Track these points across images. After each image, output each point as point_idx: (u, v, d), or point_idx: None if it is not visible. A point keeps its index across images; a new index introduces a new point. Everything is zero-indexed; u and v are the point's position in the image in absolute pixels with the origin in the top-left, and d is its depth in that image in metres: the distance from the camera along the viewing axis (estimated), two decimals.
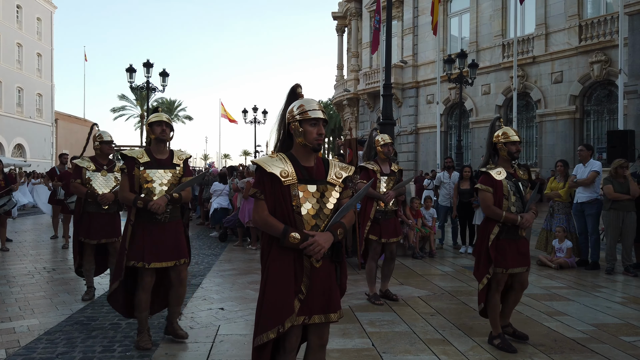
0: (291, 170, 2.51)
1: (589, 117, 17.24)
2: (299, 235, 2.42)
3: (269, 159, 2.54)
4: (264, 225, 2.50)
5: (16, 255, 8.56)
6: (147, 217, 3.84)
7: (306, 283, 2.48)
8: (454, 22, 22.11)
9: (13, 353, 3.82)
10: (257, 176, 2.57)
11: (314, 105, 2.56)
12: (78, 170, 5.42)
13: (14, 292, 5.82)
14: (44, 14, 39.16)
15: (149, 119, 4.06)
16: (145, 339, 3.93)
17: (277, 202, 2.50)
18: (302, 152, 2.57)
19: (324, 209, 2.55)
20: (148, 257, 3.80)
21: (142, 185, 3.87)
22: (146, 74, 18.97)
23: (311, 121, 2.51)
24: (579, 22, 16.84)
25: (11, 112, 34.39)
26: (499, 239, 3.95)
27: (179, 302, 4.10)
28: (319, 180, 2.57)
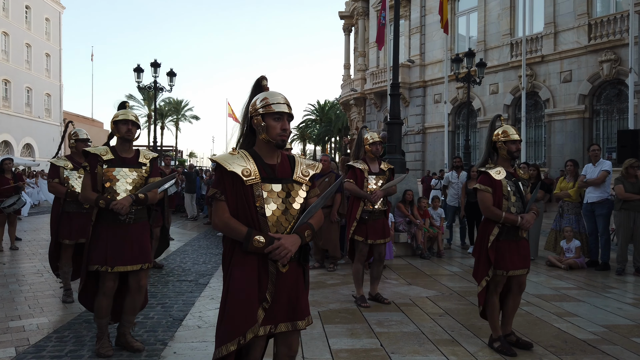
0: (254, 169, 2.33)
1: (599, 116, 17.10)
2: (263, 239, 2.24)
3: (230, 157, 2.35)
4: (224, 229, 2.32)
5: (25, 254, 8.62)
6: (110, 218, 3.63)
7: (271, 290, 2.29)
8: (462, 21, 22.02)
9: (23, 351, 3.83)
10: (216, 175, 2.38)
11: (279, 99, 2.38)
12: (55, 170, 5.26)
13: (24, 291, 5.85)
14: (53, 14, 39.43)
15: (114, 116, 3.81)
16: (105, 346, 3.73)
17: (239, 203, 2.32)
18: (266, 149, 2.40)
19: (290, 209, 2.37)
20: (111, 261, 3.59)
21: (104, 184, 3.66)
22: (154, 73, 19.05)
23: (275, 115, 2.34)
24: (589, 20, 16.71)
25: (20, 112, 34.67)
26: (498, 240, 3.84)
27: (134, 310, 3.84)
28: (285, 179, 2.39)
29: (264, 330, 2.29)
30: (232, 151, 2.40)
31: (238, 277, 2.29)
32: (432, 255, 8.50)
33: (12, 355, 3.76)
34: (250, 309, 2.25)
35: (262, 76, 2.52)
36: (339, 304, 5.25)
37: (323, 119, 53.98)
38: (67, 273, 5.34)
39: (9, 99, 33.58)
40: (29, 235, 11.21)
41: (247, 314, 2.24)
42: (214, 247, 9.47)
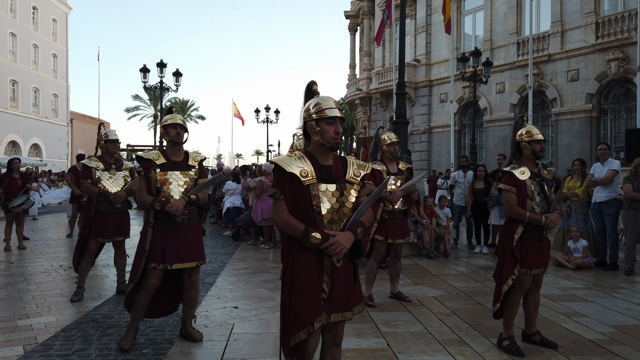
0: (311, 170, 2.48)
1: (606, 115, 16.97)
2: (320, 235, 2.40)
3: (288, 159, 2.51)
4: (284, 226, 2.47)
5: (33, 253, 8.67)
6: (165, 219, 3.82)
7: (327, 282, 2.48)
8: (468, 20, 21.93)
9: (31, 350, 3.85)
10: (276, 176, 2.53)
11: (331, 104, 2.53)
12: (87, 171, 5.41)
13: (31, 290, 5.88)
14: (60, 15, 39.68)
15: (163, 121, 4.01)
16: (128, 339, 3.86)
17: (297, 202, 2.47)
18: (320, 151, 2.54)
19: (343, 207, 2.53)
20: (169, 259, 3.79)
21: (159, 187, 3.84)
22: (160, 74, 19.12)
23: (328, 120, 2.48)
24: (596, 19, 16.59)
25: (27, 112, 34.90)
26: (522, 239, 3.85)
27: (192, 304, 4.07)
28: (338, 179, 2.54)
29: (322, 321, 2.45)
30: (289, 153, 2.59)
31: (300, 271, 2.45)
32: (439, 255, 8.47)
33: (20, 353, 3.78)
34: (316, 300, 2.42)
35: (312, 81, 2.67)
36: None
37: None
38: (86, 270, 5.50)
39: (17, 99, 33.81)
40: (37, 235, 11.28)
41: (314, 305, 2.41)
42: (219, 246, 9.49)
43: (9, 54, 32.90)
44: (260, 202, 9.18)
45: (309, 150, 2.59)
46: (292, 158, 2.51)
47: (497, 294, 3.99)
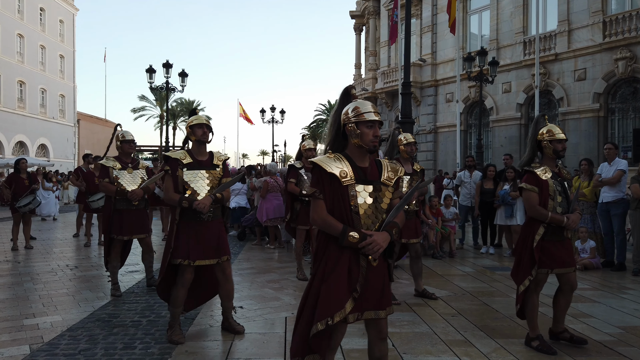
0: (349, 171, 2.55)
1: (614, 115, 16.86)
2: (357, 235, 2.47)
3: (327, 159, 2.57)
4: (322, 224, 2.55)
5: (40, 253, 8.72)
6: (191, 217, 3.97)
7: (361, 281, 2.53)
8: (474, 19, 21.85)
9: (37, 349, 3.87)
10: (315, 176, 2.59)
11: (369, 108, 2.61)
12: (105, 170, 5.61)
13: (38, 289, 5.92)
14: (66, 16, 39.91)
15: (189, 121, 4.15)
16: (177, 333, 4.04)
17: (335, 202, 2.54)
18: (357, 153, 2.61)
19: (379, 208, 2.60)
20: (193, 255, 3.93)
21: (185, 185, 3.99)
22: (166, 74, 19.20)
23: (367, 123, 2.56)
24: (603, 18, 16.48)
25: (35, 113, 35.13)
26: (543, 239, 3.83)
27: (229, 297, 4.23)
28: (375, 181, 2.61)
29: (353, 318, 2.52)
30: (329, 154, 2.62)
31: (332, 268, 2.52)
32: (444, 255, 8.44)
33: (26, 352, 3.80)
34: (340, 296, 2.48)
35: (350, 85, 2.80)
36: None
37: None
38: (116, 268, 5.67)
39: (24, 100, 34.04)
40: (43, 235, 11.35)
41: (337, 300, 2.48)
42: None
43: (17, 55, 33.13)
44: (265, 202, 9.18)
45: (347, 152, 2.65)
46: (331, 159, 2.58)
47: (519, 294, 3.98)
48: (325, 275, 2.53)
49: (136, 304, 5.20)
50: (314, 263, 2.66)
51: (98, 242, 9.67)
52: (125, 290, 5.80)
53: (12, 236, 9.21)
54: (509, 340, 4.13)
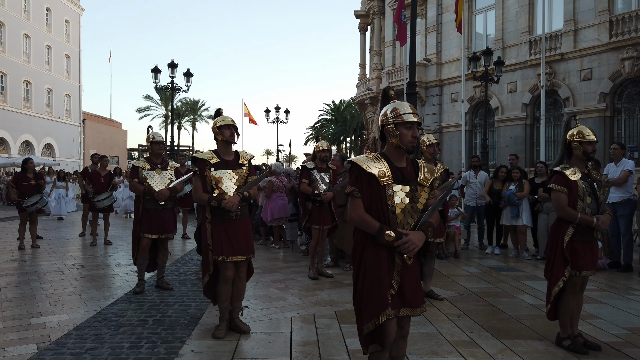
0: (387, 171, 2.61)
1: (620, 115, 16.75)
2: (394, 234, 2.54)
3: (366, 159, 2.64)
4: (360, 222, 2.61)
5: (46, 252, 8.77)
6: (220, 215, 4.10)
7: (397, 279, 2.60)
8: (479, 19, 21.77)
9: (44, 348, 3.90)
10: (353, 175, 2.65)
11: (408, 109, 2.67)
12: (135, 171, 5.78)
13: (45, 288, 5.95)
14: (72, 16, 40.10)
15: (215, 122, 4.26)
16: (221, 329, 4.19)
17: (373, 201, 2.60)
18: (395, 153, 2.67)
19: (415, 208, 2.66)
20: (227, 251, 4.09)
21: (213, 185, 4.12)
22: (171, 74, 19.25)
23: (406, 124, 2.61)
24: (610, 17, 16.38)
25: (41, 113, 35.31)
26: (572, 240, 3.85)
27: (239, 297, 4.31)
28: (411, 181, 2.67)
29: (391, 314, 2.57)
30: (367, 154, 2.68)
31: (371, 267, 2.60)
32: (450, 255, 8.42)
33: (33, 351, 3.82)
34: (382, 296, 2.54)
35: (388, 87, 2.87)
36: None
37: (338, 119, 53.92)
38: (142, 265, 5.80)
39: (30, 99, 34.23)
40: (50, 234, 11.41)
41: (380, 300, 2.54)
42: None
43: (23, 55, 33.32)
44: (270, 202, 9.19)
45: (384, 152, 2.72)
46: (370, 159, 2.64)
47: (548, 294, 4.00)
48: (365, 274, 2.60)
49: (142, 303, 5.22)
50: (353, 260, 2.73)
51: (104, 241, 9.71)
52: (131, 289, 5.82)
53: (19, 235, 9.27)
54: (515, 341, 4.11)
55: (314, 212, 6.51)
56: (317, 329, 4.40)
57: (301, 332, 4.31)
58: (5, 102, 31.58)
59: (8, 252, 8.78)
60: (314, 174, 6.56)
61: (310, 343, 4.04)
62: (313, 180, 6.53)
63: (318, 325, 4.49)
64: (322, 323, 4.56)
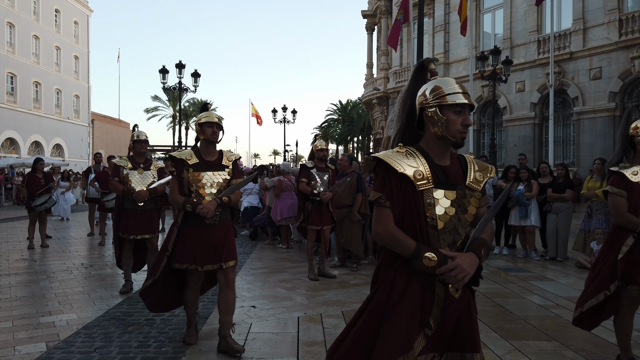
0: (426, 171, 1.94)
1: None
2: (435, 257, 1.87)
3: (397, 155, 1.97)
4: (389, 241, 1.95)
5: (55, 251, 8.83)
6: (196, 220, 3.71)
7: (436, 315, 1.93)
8: (487, 18, 21.67)
9: (53, 346, 3.92)
10: (380, 177, 1.99)
11: (455, 87, 1.99)
12: (116, 169, 5.71)
13: (54, 287, 5.99)
14: (81, 17, 40.39)
15: (199, 118, 3.86)
16: (191, 334, 4.01)
17: (406, 211, 1.95)
18: (437, 147, 2.00)
19: (463, 221, 1.98)
20: (200, 260, 3.71)
21: (191, 187, 3.74)
22: (178, 74, 19.34)
23: (455, 108, 1.96)
24: (619, 16, 16.23)
25: (50, 113, 35.61)
26: (632, 252, 3.27)
27: (229, 310, 3.81)
28: (458, 184, 2.00)
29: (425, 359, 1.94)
30: (398, 148, 2.00)
31: (398, 298, 1.93)
32: None
33: (42, 350, 3.85)
34: (406, 335, 1.89)
35: (429, 59, 2.15)
36: None
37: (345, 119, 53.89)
38: (127, 265, 5.77)
39: (40, 100, 34.53)
40: (59, 234, 11.50)
41: (403, 340, 1.88)
42: (237, 246, 9.52)
43: (33, 56, 33.61)
44: (280, 201, 9.20)
45: (421, 145, 2.04)
46: (402, 154, 1.97)
47: (581, 302, 3.47)
48: (389, 305, 1.93)
49: None
50: (373, 285, 2.07)
51: (112, 241, 9.76)
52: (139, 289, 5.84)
53: (29, 235, 9.35)
54: (524, 342, 4.09)
55: (313, 212, 6.43)
56: (324, 329, 4.40)
57: (308, 332, 4.31)
58: (15, 102, 31.88)
59: (18, 251, 8.86)
60: (313, 173, 6.48)
61: (317, 343, 4.03)
62: (312, 180, 6.47)
63: (325, 326, 4.49)
64: (329, 323, 4.56)
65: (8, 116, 30.82)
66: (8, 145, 31.87)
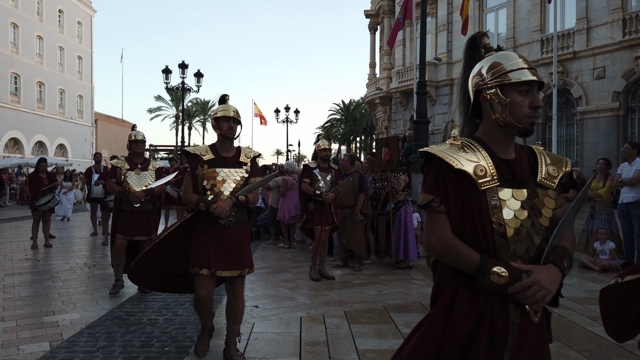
0: (489, 166, 1.62)
1: (634, 114, 16.54)
2: (506, 272, 1.51)
3: (452, 149, 1.65)
4: (447, 254, 1.61)
5: (59, 251, 8.86)
6: (210, 221, 3.45)
7: (511, 347, 1.54)
8: (490, 17, 21.63)
9: (57, 346, 3.94)
10: (433, 176, 1.67)
11: (519, 62, 1.66)
12: (113, 170, 5.71)
13: (57, 287, 6.02)
14: (84, 17, 40.51)
15: (215, 112, 3.60)
16: (202, 344, 3.73)
17: (466, 217, 1.61)
18: (499, 137, 1.68)
19: (537, 226, 1.63)
20: (215, 264, 3.42)
21: (205, 185, 3.50)
22: (181, 74, 19.40)
23: (520, 87, 1.62)
24: (623, 15, 16.17)
25: (54, 113, 35.72)
26: None
27: (235, 319, 3.63)
28: (528, 182, 1.66)
29: None
30: (453, 140, 1.69)
31: (461, 324, 1.56)
32: None
33: (46, 349, 3.87)
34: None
35: (480, 32, 1.85)
36: (365, 304, 5.22)
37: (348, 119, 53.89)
38: (119, 266, 5.68)
39: (43, 100, 34.65)
40: (63, 233, 11.53)
41: None
42: None
43: (36, 57, 33.72)
44: (286, 200, 9.23)
45: (479, 135, 1.72)
46: (457, 147, 1.66)
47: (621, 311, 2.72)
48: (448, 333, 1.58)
49: (153, 302, 5.26)
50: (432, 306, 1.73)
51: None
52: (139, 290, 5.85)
53: (32, 234, 9.38)
54: None
55: (316, 213, 6.42)
56: (327, 329, 4.40)
57: (310, 332, 4.31)
58: (19, 102, 31.99)
59: (21, 251, 8.89)
60: (315, 173, 6.46)
61: (320, 343, 4.04)
62: (315, 180, 6.44)
63: (327, 325, 4.49)
64: (331, 323, 4.56)
65: (12, 116, 30.94)
66: (12, 145, 32.00)
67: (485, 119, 1.71)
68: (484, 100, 1.68)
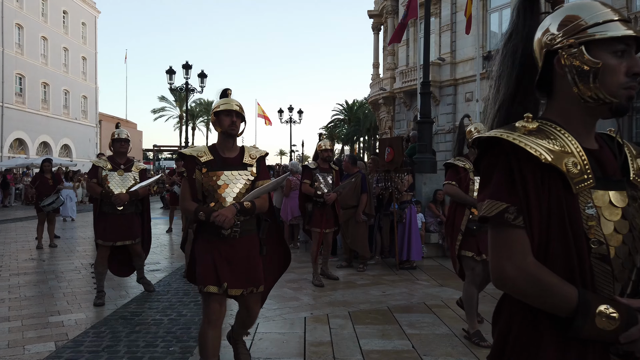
0: (581, 159, 1.16)
1: (639, 114, 16.49)
2: (616, 312, 1.07)
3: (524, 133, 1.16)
4: (530, 287, 1.12)
5: (63, 251, 8.90)
6: (213, 232, 2.99)
7: None
8: (494, 17, 21.59)
9: (62, 346, 3.95)
10: (503, 172, 1.16)
11: (606, 12, 1.18)
12: (94, 170, 5.31)
13: (62, 287, 6.04)
14: (89, 18, 40.67)
15: (215, 106, 3.20)
16: None
17: (552, 232, 1.13)
18: (582, 118, 1.24)
19: (637, 240, 1.18)
20: (224, 278, 2.96)
21: (205, 191, 3.05)
22: (185, 75, 19.44)
23: (613, 46, 1.15)
24: (628, 14, 16.12)
25: (58, 114, 35.89)
26: None
27: (245, 325, 3.43)
28: (619, 180, 1.21)
29: None
30: (525, 122, 1.18)
31: None
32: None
33: (52, 349, 3.88)
34: None
35: None
36: (369, 305, 5.22)
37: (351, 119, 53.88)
38: (101, 274, 5.30)
39: (48, 101, 34.82)
40: (67, 234, 11.58)
41: None
42: None
43: (41, 57, 33.88)
44: (289, 200, 9.23)
45: (553, 118, 1.24)
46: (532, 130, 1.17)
47: None
48: None
49: (158, 303, 5.27)
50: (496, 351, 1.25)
51: None
52: (142, 291, 5.87)
53: (37, 235, 9.43)
54: None
55: (316, 214, 6.24)
56: (331, 329, 4.40)
57: (315, 333, 4.31)
58: (24, 103, 32.15)
59: (27, 251, 8.93)
60: (316, 174, 6.30)
61: (324, 343, 4.04)
62: (315, 181, 6.28)
63: (332, 326, 4.49)
64: (335, 323, 4.56)
65: (17, 117, 31.10)
66: (17, 146, 32.16)
67: (558, 94, 1.24)
68: (559, 67, 1.20)
